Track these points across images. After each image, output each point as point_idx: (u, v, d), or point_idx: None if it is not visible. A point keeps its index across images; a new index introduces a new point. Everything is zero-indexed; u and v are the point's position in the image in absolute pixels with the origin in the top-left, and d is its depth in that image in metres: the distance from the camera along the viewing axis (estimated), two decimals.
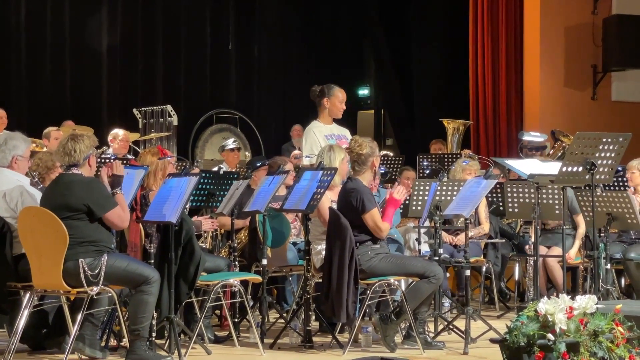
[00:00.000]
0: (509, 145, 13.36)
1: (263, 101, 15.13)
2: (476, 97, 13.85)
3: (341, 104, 7.88)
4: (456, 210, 7.02)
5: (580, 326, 5.04)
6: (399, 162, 10.72)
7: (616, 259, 8.12)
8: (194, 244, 6.29)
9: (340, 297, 6.38)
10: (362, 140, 6.79)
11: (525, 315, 5.17)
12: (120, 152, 10.01)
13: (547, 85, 13.34)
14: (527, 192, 7.99)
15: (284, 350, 6.64)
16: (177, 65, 14.48)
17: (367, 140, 6.80)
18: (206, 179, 7.37)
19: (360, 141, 6.77)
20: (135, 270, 5.88)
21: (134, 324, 5.86)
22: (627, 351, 5.06)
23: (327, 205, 6.79)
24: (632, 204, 7.58)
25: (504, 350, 5.19)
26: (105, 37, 13.79)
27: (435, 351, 6.56)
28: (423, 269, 6.56)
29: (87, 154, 5.97)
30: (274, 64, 15.23)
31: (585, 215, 7.75)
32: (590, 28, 13.37)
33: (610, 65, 13.29)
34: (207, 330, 6.81)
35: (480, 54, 13.79)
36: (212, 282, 6.58)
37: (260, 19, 15.25)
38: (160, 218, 6.05)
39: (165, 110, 12.80)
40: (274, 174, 7.04)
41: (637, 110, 13.57)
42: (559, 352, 4.96)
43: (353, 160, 6.75)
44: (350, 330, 6.66)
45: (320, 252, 6.81)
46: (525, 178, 7.19)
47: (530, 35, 13.36)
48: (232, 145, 10.74)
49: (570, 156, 6.62)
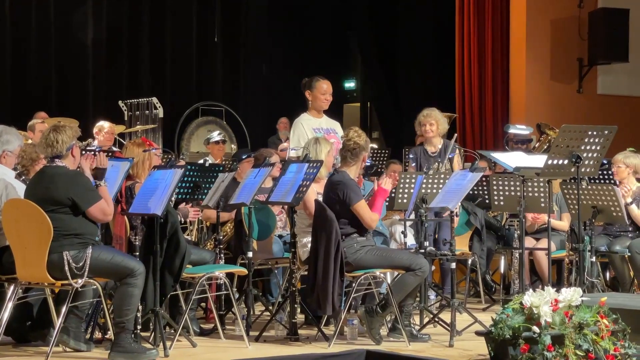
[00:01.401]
0: (494, 138, 13.38)
1: (249, 94, 15.10)
2: (462, 90, 13.85)
3: (324, 96, 7.86)
4: (442, 203, 7.02)
5: (566, 319, 5.05)
6: (385, 155, 10.72)
7: (601, 251, 8.13)
8: (179, 236, 6.28)
9: (325, 290, 6.38)
10: (361, 132, 6.83)
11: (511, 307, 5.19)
12: (105, 144, 9.97)
13: (533, 78, 13.36)
14: (512, 185, 8.00)
15: (269, 342, 6.63)
16: (163, 58, 14.43)
17: (364, 135, 6.83)
18: (192, 171, 7.35)
19: (360, 132, 6.81)
20: (120, 263, 5.86)
21: (119, 317, 5.84)
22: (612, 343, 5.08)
23: (313, 197, 6.78)
24: (617, 197, 7.60)
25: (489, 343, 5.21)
26: (91, 29, 13.73)
27: (420, 344, 6.56)
28: (409, 262, 6.56)
29: (69, 144, 5.93)
30: (260, 57, 15.19)
31: (571, 209, 7.76)
32: (577, 21, 13.39)
33: (596, 59, 13.32)
34: (192, 323, 6.79)
35: (466, 47, 13.80)
36: (198, 274, 6.56)
37: (246, 11, 15.21)
38: (145, 210, 6.03)
39: (151, 102, 12.76)
40: (260, 167, 7.03)
41: (622, 104, 13.61)
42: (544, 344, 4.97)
43: (347, 149, 6.74)
44: (336, 323, 6.66)
45: (306, 244, 6.80)
46: (511, 171, 7.20)
47: (517, 29, 13.36)
48: (217, 138, 10.71)
49: (556, 149, 6.63)
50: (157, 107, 12.69)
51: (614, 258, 8.23)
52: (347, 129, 7.08)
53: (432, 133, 8.55)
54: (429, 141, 8.61)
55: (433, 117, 8.56)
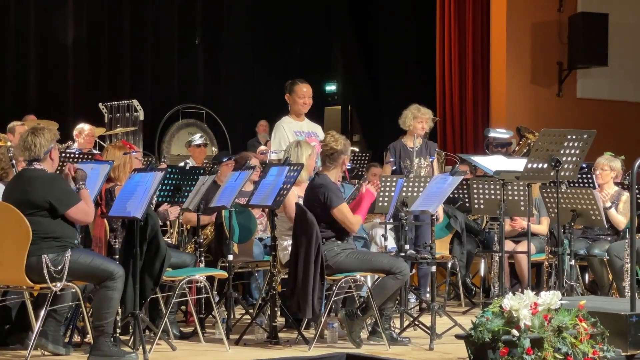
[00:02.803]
0: (475, 141, 13.42)
1: (230, 96, 15.07)
2: (443, 93, 13.89)
3: (302, 99, 7.87)
4: (422, 207, 7.04)
5: (545, 322, 5.08)
6: (365, 158, 10.73)
7: (580, 255, 8.18)
8: (159, 239, 6.25)
9: (306, 293, 6.38)
10: (338, 136, 6.80)
11: (490, 311, 5.20)
12: (85, 147, 9.94)
13: (514, 82, 13.41)
14: (493, 188, 8.02)
15: (249, 346, 6.63)
16: (143, 60, 14.38)
17: (343, 138, 6.81)
18: (172, 174, 7.34)
19: (336, 136, 6.78)
20: (99, 266, 5.83)
21: (98, 320, 5.82)
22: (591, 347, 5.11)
23: (293, 201, 6.78)
24: (596, 200, 7.64)
25: (469, 346, 5.22)
26: (71, 30, 13.66)
27: (400, 347, 6.57)
28: (389, 265, 6.56)
29: (47, 148, 5.90)
30: (241, 60, 15.17)
31: (550, 212, 7.80)
32: (556, 25, 13.45)
33: (575, 63, 13.38)
34: (172, 326, 6.78)
35: (447, 51, 13.83)
36: (178, 277, 6.55)
37: (228, 14, 15.18)
38: (125, 213, 6.01)
39: (132, 105, 12.71)
40: (241, 170, 7.02)
41: (601, 107, 13.69)
42: (523, 347, 4.99)
43: (325, 154, 6.74)
44: (316, 326, 6.66)
45: (286, 247, 6.80)
46: (491, 174, 7.22)
47: (497, 32, 13.41)
48: (198, 141, 10.69)
49: (536, 153, 6.66)
50: (137, 109, 12.64)
51: (592, 261, 8.27)
52: (325, 133, 7.08)
53: (422, 131, 8.57)
54: (411, 137, 8.60)
55: (428, 115, 8.60)
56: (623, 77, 13.87)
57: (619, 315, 5.42)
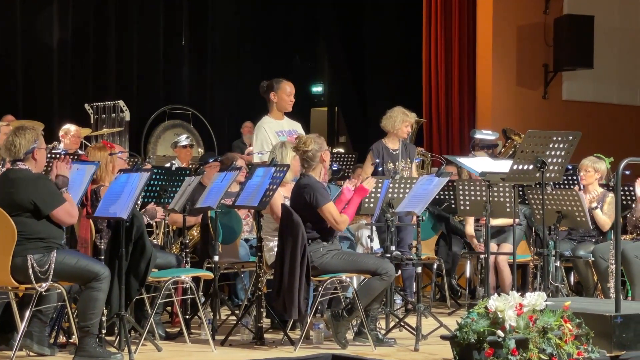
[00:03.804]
0: (461, 143, 13.44)
1: (216, 97, 15.05)
2: (429, 95, 13.90)
3: (289, 97, 7.87)
4: (408, 208, 7.05)
5: (530, 323, 5.09)
6: (352, 159, 10.74)
7: (565, 256, 8.20)
8: (145, 240, 6.25)
9: (291, 294, 6.38)
10: (306, 137, 6.77)
11: (476, 312, 5.22)
12: (71, 147, 9.90)
13: (499, 83, 13.43)
14: (478, 190, 8.04)
15: (235, 347, 6.62)
16: (129, 61, 14.34)
17: (313, 137, 6.78)
18: (158, 175, 7.33)
19: (304, 139, 6.75)
20: (85, 267, 5.82)
21: (83, 321, 5.81)
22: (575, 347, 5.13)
23: (279, 201, 6.78)
24: (581, 202, 7.67)
25: (454, 347, 5.24)
26: (57, 31, 13.61)
27: (386, 348, 6.58)
28: (375, 266, 6.57)
29: (28, 148, 5.87)
30: (228, 60, 15.14)
31: (536, 213, 7.82)
32: (542, 27, 13.48)
33: (561, 65, 13.42)
34: (157, 327, 6.77)
35: (433, 52, 13.85)
36: (163, 278, 6.54)
37: (214, 15, 15.16)
38: (111, 214, 6.00)
39: (118, 105, 12.68)
40: (226, 171, 7.02)
41: (586, 110, 13.73)
42: (508, 348, 5.01)
43: (301, 158, 6.74)
44: (302, 327, 6.66)
45: (272, 248, 6.80)
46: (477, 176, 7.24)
47: (483, 34, 13.44)
48: (184, 142, 10.68)
49: (521, 154, 6.68)
50: (123, 110, 12.61)
51: (577, 263, 8.30)
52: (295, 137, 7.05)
53: (407, 134, 8.59)
54: (394, 139, 8.60)
55: (413, 119, 8.62)
56: (608, 80, 13.92)
57: (603, 316, 5.44)
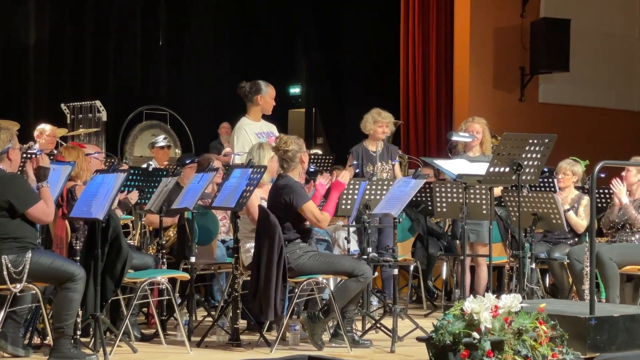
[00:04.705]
0: (438, 145, 13.48)
1: (194, 98, 15.02)
2: (407, 97, 13.94)
3: (272, 100, 7.92)
4: (385, 209, 7.06)
5: (505, 325, 5.10)
6: (329, 161, 10.74)
7: (541, 258, 8.24)
8: (121, 240, 6.22)
9: (268, 295, 6.37)
10: (287, 137, 6.80)
11: (452, 314, 5.22)
12: (47, 147, 9.84)
13: (477, 86, 13.49)
14: (455, 192, 8.05)
15: (211, 348, 6.61)
16: (106, 61, 14.29)
17: (293, 137, 6.81)
18: (135, 175, 7.31)
19: (285, 139, 6.77)
20: (60, 267, 5.79)
21: (58, 322, 5.78)
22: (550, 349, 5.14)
23: (256, 203, 6.78)
24: (557, 204, 7.70)
25: (430, 349, 5.24)
26: (33, 30, 13.55)
27: (362, 349, 6.58)
28: (351, 268, 6.58)
29: (3, 148, 5.85)
30: (205, 61, 15.12)
31: (512, 215, 7.85)
32: (519, 30, 13.55)
33: (537, 68, 13.49)
34: (133, 328, 6.74)
35: (411, 55, 13.89)
36: (139, 279, 6.52)
37: (191, 15, 15.13)
38: (87, 215, 5.97)
39: (94, 105, 12.63)
40: (203, 172, 7.01)
41: (562, 112, 13.81)
42: (483, 350, 5.02)
43: (281, 158, 6.74)
44: (278, 329, 6.65)
45: (249, 250, 6.80)
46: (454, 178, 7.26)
47: (461, 37, 13.49)
48: (162, 143, 10.64)
49: (498, 157, 6.70)
50: (100, 110, 12.56)
51: (553, 265, 8.34)
52: (276, 137, 7.07)
53: (383, 135, 8.60)
54: (373, 141, 8.63)
55: (388, 119, 8.63)
56: (584, 83, 14.01)
57: (578, 318, 5.47)
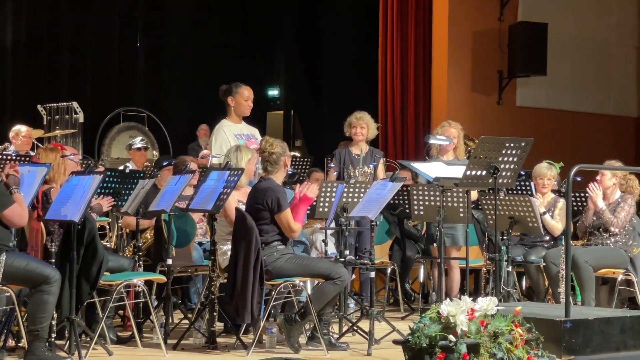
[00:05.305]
0: (416, 148, 13.49)
1: (172, 100, 14.97)
2: (385, 100, 13.95)
3: (247, 102, 7.87)
4: (362, 212, 7.06)
5: (481, 328, 5.11)
6: (307, 163, 10.74)
7: (517, 261, 8.27)
8: (96, 243, 6.19)
9: (245, 298, 6.36)
10: (272, 140, 6.82)
11: (428, 316, 5.22)
12: (22, 149, 9.79)
13: (455, 89, 13.51)
14: (432, 194, 8.07)
15: (187, 351, 6.59)
16: (84, 62, 14.22)
17: (278, 141, 6.83)
18: (111, 177, 7.27)
19: (271, 141, 6.80)
20: (35, 270, 5.76)
21: (33, 324, 5.75)
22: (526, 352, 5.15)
23: (233, 205, 6.77)
24: (533, 207, 7.73)
25: (406, 352, 5.24)
26: (10, 30, 13.47)
27: (339, 352, 6.58)
28: (328, 271, 6.57)
29: None
30: (184, 63, 15.08)
31: (489, 218, 7.87)
32: (497, 34, 13.59)
33: (515, 71, 13.53)
34: (109, 331, 6.71)
35: (389, 58, 13.90)
36: (115, 282, 6.49)
37: (170, 17, 15.09)
38: (62, 217, 5.94)
39: (71, 107, 12.56)
40: (180, 174, 6.98)
41: (540, 116, 13.86)
42: (459, 353, 5.02)
43: (265, 160, 6.74)
44: (255, 331, 6.64)
45: (226, 252, 6.78)
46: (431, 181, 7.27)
47: (439, 40, 13.51)
48: (139, 145, 10.60)
49: (474, 160, 6.71)
50: (77, 111, 12.50)
51: (529, 268, 8.37)
52: (261, 139, 7.08)
53: (361, 136, 8.62)
54: (355, 144, 8.66)
55: (365, 121, 8.64)
56: (561, 86, 14.08)
57: (553, 321, 5.48)
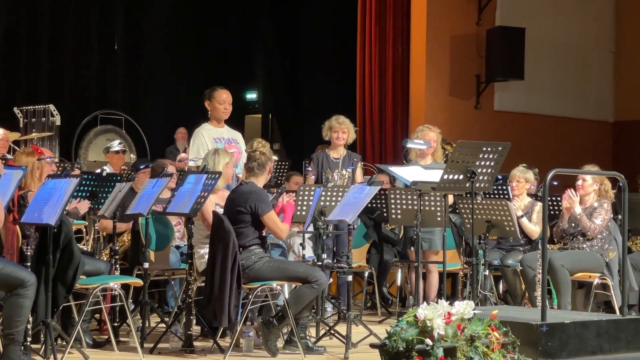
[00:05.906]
0: (394, 152, 13.51)
1: (150, 103, 14.93)
2: (363, 104, 13.96)
3: (222, 105, 7.83)
4: (340, 216, 7.08)
5: (458, 331, 5.12)
6: (285, 166, 10.74)
7: (494, 265, 8.30)
8: (73, 246, 6.16)
9: (222, 302, 6.35)
10: (265, 142, 6.90)
11: (405, 320, 5.23)
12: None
13: (433, 93, 13.54)
14: (410, 198, 8.08)
15: (164, 354, 6.57)
16: (61, 64, 14.15)
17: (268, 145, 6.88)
18: (88, 180, 7.24)
19: (264, 142, 6.86)
20: (10, 273, 5.72)
21: (8, 328, 5.71)
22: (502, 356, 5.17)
23: (211, 208, 6.76)
24: (510, 212, 7.76)
25: (383, 355, 5.25)
26: None
27: (316, 356, 6.59)
28: (306, 274, 6.57)
29: None
30: (162, 66, 15.04)
31: (466, 222, 7.90)
32: (475, 39, 13.63)
33: (493, 76, 13.57)
34: (85, 335, 6.68)
35: (367, 61, 13.91)
36: (92, 285, 6.46)
37: (147, 20, 15.05)
38: (38, 220, 5.91)
39: (48, 109, 12.49)
40: (158, 177, 6.97)
41: (518, 120, 13.91)
42: (436, 357, 5.03)
43: (254, 159, 6.73)
44: (232, 335, 6.63)
45: (203, 255, 6.77)
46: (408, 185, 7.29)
47: (417, 44, 13.53)
48: (117, 148, 10.56)
49: (452, 164, 6.73)
50: (54, 114, 12.43)
51: (506, 272, 8.40)
52: (251, 140, 7.08)
53: (342, 141, 8.63)
54: (334, 148, 8.67)
55: (346, 126, 8.66)
56: (539, 91, 14.13)
57: (529, 324, 5.50)
